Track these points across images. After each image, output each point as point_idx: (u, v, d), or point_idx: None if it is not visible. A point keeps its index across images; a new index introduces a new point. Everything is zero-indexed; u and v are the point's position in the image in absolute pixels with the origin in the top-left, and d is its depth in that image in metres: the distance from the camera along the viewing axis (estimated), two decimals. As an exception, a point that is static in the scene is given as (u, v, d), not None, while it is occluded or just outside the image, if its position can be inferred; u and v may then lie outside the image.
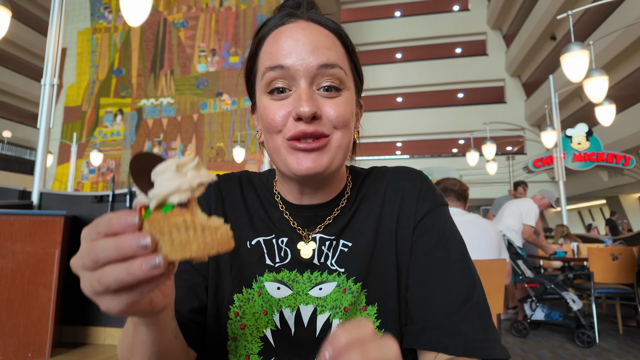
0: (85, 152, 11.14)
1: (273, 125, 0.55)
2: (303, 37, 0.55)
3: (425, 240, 0.59)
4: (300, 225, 0.62)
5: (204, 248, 0.32)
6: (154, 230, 0.32)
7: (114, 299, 0.32)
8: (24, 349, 2.84)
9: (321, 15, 0.59)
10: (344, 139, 0.56)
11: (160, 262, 0.31)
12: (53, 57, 3.60)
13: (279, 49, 0.55)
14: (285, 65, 0.54)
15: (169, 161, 0.34)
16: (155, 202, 0.32)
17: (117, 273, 0.31)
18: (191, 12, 11.53)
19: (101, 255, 0.31)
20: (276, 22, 0.58)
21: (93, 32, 11.97)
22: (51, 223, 3.00)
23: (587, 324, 3.58)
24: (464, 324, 0.52)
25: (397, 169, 0.67)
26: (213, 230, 0.32)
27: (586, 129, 8.85)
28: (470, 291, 0.55)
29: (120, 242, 0.31)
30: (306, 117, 0.52)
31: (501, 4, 16.27)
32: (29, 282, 2.91)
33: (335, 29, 0.58)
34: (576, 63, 4.22)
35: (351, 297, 0.57)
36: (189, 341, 0.57)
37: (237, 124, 10.66)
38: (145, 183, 0.34)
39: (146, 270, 0.31)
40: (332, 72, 0.54)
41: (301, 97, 0.53)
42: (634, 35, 10.05)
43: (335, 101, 0.55)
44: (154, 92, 11.29)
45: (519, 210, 4.35)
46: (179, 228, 0.32)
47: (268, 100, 0.56)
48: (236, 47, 11.03)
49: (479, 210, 16.20)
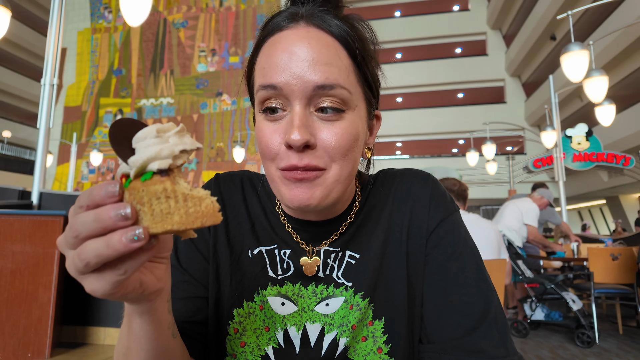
0: (85, 152, 11.14)
1: (267, 152, 0.50)
2: (299, 50, 0.47)
3: (439, 252, 0.56)
4: (304, 239, 0.58)
5: (187, 220, 0.30)
6: (134, 201, 0.30)
7: (98, 278, 0.31)
8: (24, 349, 2.84)
9: (327, 16, 0.50)
10: (342, 172, 0.49)
11: (140, 234, 0.29)
12: (53, 57, 3.60)
13: (273, 64, 0.48)
14: (278, 85, 0.47)
15: (150, 127, 0.32)
16: (134, 170, 0.30)
17: (97, 247, 0.29)
18: (191, 12, 11.53)
19: (81, 228, 0.30)
20: (276, 25, 0.51)
21: (93, 32, 11.97)
22: (51, 223, 3.00)
23: (587, 324, 3.58)
24: (485, 341, 0.51)
25: (405, 173, 0.62)
26: (197, 201, 0.30)
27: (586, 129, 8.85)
28: (488, 304, 0.53)
29: (99, 213, 0.29)
30: (296, 146, 0.46)
31: (501, 4, 16.27)
32: (29, 282, 2.91)
33: (340, 36, 0.49)
34: (576, 63, 4.22)
35: (359, 313, 0.54)
36: (192, 353, 0.54)
37: (237, 123, 10.66)
38: (126, 150, 0.32)
39: (126, 242, 0.29)
40: (331, 93, 0.47)
41: (293, 123, 0.46)
42: (634, 35, 10.06)
43: (334, 126, 0.48)
44: (153, 92, 11.29)
45: (518, 210, 4.35)
46: (158, 197, 0.30)
47: (262, 120, 0.50)
48: (236, 47, 11.03)
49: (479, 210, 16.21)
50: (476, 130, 10.99)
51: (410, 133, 17.37)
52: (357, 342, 0.55)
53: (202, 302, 0.57)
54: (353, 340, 0.55)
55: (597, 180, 13.04)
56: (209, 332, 0.57)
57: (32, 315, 2.87)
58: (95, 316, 3.37)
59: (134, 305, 0.38)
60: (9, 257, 2.89)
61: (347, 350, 0.55)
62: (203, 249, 0.59)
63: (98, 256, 0.29)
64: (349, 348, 0.55)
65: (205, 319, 0.57)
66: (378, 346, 0.54)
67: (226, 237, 0.59)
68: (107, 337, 3.32)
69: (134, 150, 0.31)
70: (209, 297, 0.58)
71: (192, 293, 0.57)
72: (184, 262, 0.58)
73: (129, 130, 0.32)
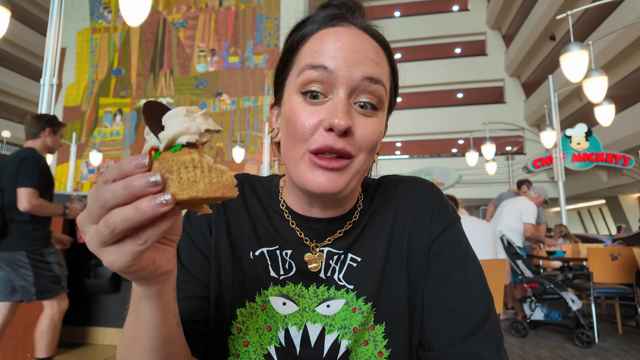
0: (85, 152, 11.13)
1: (300, 132, 0.50)
2: (353, 44, 0.51)
3: (441, 260, 0.57)
4: (308, 236, 0.59)
5: (210, 188, 0.32)
6: (163, 170, 0.32)
7: (118, 249, 0.32)
8: (23, 349, 2.83)
9: (373, 26, 0.55)
10: (365, 163, 0.52)
11: (168, 199, 0.31)
12: (52, 57, 3.60)
13: (326, 48, 0.50)
14: (329, 67, 0.49)
15: (180, 107, 0.35)
16: (165, 142, 0.33)
17: (125, 212, 0.30)
18: (190, 12, 11.52)
19: (109, 197, 0.31)
20: (324, 22, 0.53)
21: (92, 32, 11.96)
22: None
23: (586, 324, 3.58)
24: (482, 347, 0.52)
25: (409, 181, 0.63)
26: (219, 173, 0.33)
27: (585, 129, 8.85)
28: (488, 314, 0.54)
29: (129, 180, 0.31)
30: (339, 130, 0.48)
31: (500, 4, 16.28)
32: (28, 282, 2.90)
33: (385, 44, 0.55)
34: (575, 63, 4.22)
35: (361, 317, 0.55)
36: (193, 352, 0.54)
37: (236, 124, 10.66)
38: (157, 127, 0.35)
39: (155, 206, 0.30)
40: (374, 87, 0.51)
41: (337, 108, 0.49)
42: (634, 35, 10.06)
43: (369, 121, 0.51)
44: (153, 92, 11.28)
45: (517, 210, 4.35)
46: (187, 166, 0.32)
47: (300, 102, 0.51)
48: (236, 47, 11.03)
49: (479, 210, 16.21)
50: (476, 130, 10.99)
51: (410, 133, 17.37)
52: (358, 345, 0.56)
53: (204, 301, 0.58)
54: (355, 344, 0.55)
55: (596, 180, 13.05)
56: (210, 331, 0.58)
57: (32, 315, 2.87)
58: (95, 316, 3.37)
59: (145, 287, 0.39)
60: (8, 257, 2.88)
61: (349, 353, 0.55)
62: (205, 250, 0.59)
63: (126, 220, 0.30)
64: (351, 351, 0.55)
65: (206, 319, 0.58)
66: (379, 350, 0.55)
67: (228, 239, 0.60)
68: (106, 337, 3.31)
69: (163, 127, 0.34)
70: (210, 297, 0.58)
71: (194, 293, 0.57)
72: (186, 262, 0.59)
73: (159, 110, 0.36)
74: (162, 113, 0.35)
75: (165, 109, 0.36)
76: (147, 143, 0.35)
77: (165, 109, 0.36)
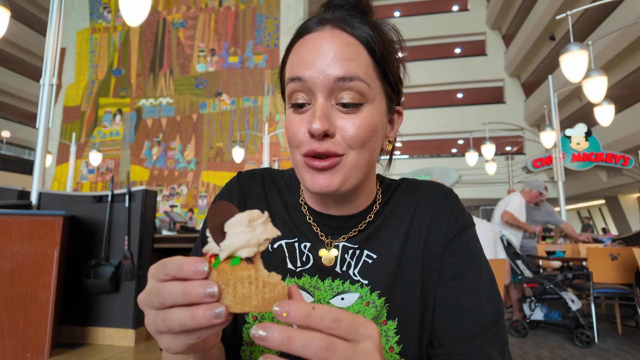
0: (85, 152, 11.13)
1: (293, 140, 0.55)
2: (323, 48, 0.53)
3: (455, 261, 0.59)
4: (324, 232, 0.61)
5: (262, 304, 0.33)
6: (220, 281, 0.33)
7: (174, 339, 0.34)
8: (23, 349, 2.83)
9: (352, 20, 0.55)
10: (360, 159, 0.54)
11: (222, 312, 0.32)
12: (52, 57, 3.60)
13: (300, 60, 0.54)
14: (303, 77, 0.52)
15: (242, 214, 0.36)
16: (226, 253, 0.34)
17: (182, 317, 0.32)
18: (190, 12, 11.52)
19: (169, 298, 0.33)
20: (305, 28, 0.56)
21: (92, 32, 11.96)
22: (50, 223, 3.00)
23: (586, 324, 3.58)
24: (489, 346, 0.54)
25: (428, 185, 0.66)
26: (272, 287, 0.34)
27: (585, 129, 8.85)
28: (497, 317, 0.56)
29: (188, 288, 0.32)
30: (317, 134, 0.51)
31: (500, 4, 16.29)
32: (28, 282, 2.90)
33: (361, 36, 0.54)
34: (575, 63, 4.23)
35: (374, 310, 0.56)
36: None
37: (236, 124, 10.66)
38: (219, 233, 0.36)
39: (209, 318, 0.32)
40: (350, 85, 0.52)
41: (315, 113, 0.52)
42: (633, 35, 10.07)
43: (353, 118, 0.53)
44: (153, 92, 11.28)
45: (504, 203, 4.35)
46: (243, 282, 0.33)
47: (290, 112, 0.56)
48: (235, 47, 11.03)
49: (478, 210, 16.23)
50: (475, 130, 11.00)
51: (410, 133, 17.37)
52: None
53: None
54: None
55: (596, 181, 13.06)
56: None
57: (32, 315, 2.87)
58: (95, 316, 3.36)
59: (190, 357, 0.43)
60: (8, 257, 2.89)
61: None
62: None
63: (182, 325, 0.33)
64: None
65: None
66: (390, 345, 0.56)
67: None
68: (106, 337, 3.31)
69: (224, 234, 0.35)
70: None
71: None
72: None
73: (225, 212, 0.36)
74: (227, 215, 0.36)
75: (231, 210, 0.37)
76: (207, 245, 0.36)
77: (232, 210, 0.37)
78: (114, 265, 3.33)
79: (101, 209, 3.50)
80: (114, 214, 3.48)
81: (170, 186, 10.66)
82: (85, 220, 3.47)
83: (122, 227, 3.45)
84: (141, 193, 3.52)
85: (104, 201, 3.51)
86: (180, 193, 10.57)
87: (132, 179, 10.70)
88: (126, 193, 3.50)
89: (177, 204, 10.51)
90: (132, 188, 3.54)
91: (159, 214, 9.41)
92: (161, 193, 10.60)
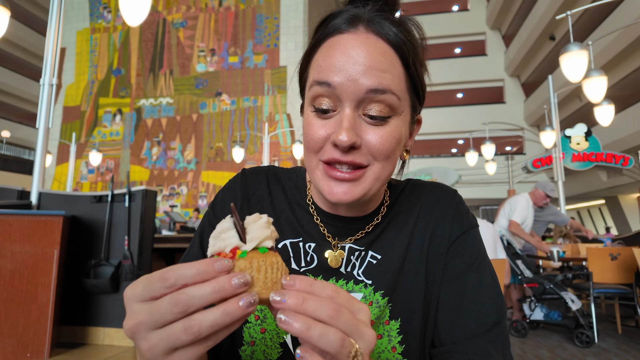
0: (84, 152, 11.13)
1: (311, 144, 0.53)
2: (356, 55, 0.50)
3: (458, 262, 0.59)
4: (331, 233, 0.60)
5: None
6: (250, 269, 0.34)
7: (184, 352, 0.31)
8: (23, 349, 2.83)
9: (385, 22, 0.53)
10: (383, 171, 0.53)
11: (256, 299, 0.31)
12: (52, 57, 3.60)
13: (330, 64, 0.50)
14: (333, 83, 0.49)
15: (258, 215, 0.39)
16: (254, 243, 0.36)
17: (213, 317, 0.30)
18: (190, 12, 11.52)
19: (194, 301, 0.30)
20: (336, 27, 0.53)
21: (92, 32, 11.95)
22: (50, 223, 3.00)
23: (586, 323, 3.58)
24: (491, 346, 0.53)
25: (433, 186, 0.66)
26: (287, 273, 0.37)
27: (585, 129, 8.86)
28: (500, 318, 0.56)
29: (219, 283, 0.31)
30: (342, 147, 0.49)
31: (500, 4, 16.28)
32: (28, 282, 2.90)
33: (396, 43, 0.52)
34: (575, 63, 4.23)
35: (377, 310, 0.56)
36: None
37: (236, 124, 10.66)
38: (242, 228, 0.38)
39: (244, 307, 0.31)
40: (381, 97, 0.50)
41: (342, 124, 0.49)
42: (633, 35, 10.07)
43: (380, 131, 0.51)
44: (153, 92, 11.28)
45: (509, 206, 4.34)
46: (272, 267, 0.35)
47: (312, 115, 0.53)
48: (235, 47, 11.03)
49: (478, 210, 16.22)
50: (475, 130, 11.00)
51: (410, 133, 17.36)
52: None
53: None
54: None
55: (596, 181, 13.05)
56: None
57: (31, 315, 2.87)
58: (95, 316, 3.36)
59: None
60: (8, 257, 2.89)
61: None
62: None
63: (213, 326, 0.30)
64: None
65: None
66: (392, 345, 0.56)
67: None
68: (106, 337, 3.31)
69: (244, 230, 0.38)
70: None
71: None
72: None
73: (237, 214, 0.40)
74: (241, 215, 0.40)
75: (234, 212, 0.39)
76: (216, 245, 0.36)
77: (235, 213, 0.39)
78: (114, 265, 3.32)
79: (101, 209, 3.50)
80: (114, 214, 3.48)
81: (170, 186, 10.66)
82: (85, 220, 3.47)
83: (122, 227, 3.45)
84: (141, 193, 3.52)
85: (104, 201, 3.51)
86: (180, 193, 10.58)
87: (132, 179, 10.70)
88: (126, 193, 3.49)
89: (177, 204, 10.51)
90: (132, 188, 3.54)
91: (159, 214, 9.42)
92: (161, 193, 10.60)
